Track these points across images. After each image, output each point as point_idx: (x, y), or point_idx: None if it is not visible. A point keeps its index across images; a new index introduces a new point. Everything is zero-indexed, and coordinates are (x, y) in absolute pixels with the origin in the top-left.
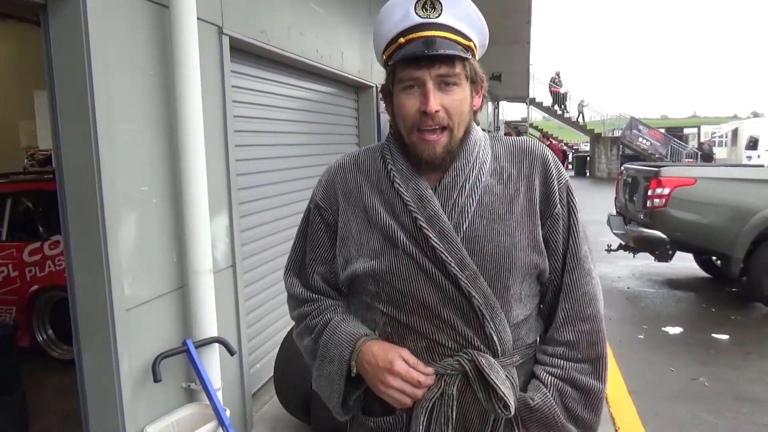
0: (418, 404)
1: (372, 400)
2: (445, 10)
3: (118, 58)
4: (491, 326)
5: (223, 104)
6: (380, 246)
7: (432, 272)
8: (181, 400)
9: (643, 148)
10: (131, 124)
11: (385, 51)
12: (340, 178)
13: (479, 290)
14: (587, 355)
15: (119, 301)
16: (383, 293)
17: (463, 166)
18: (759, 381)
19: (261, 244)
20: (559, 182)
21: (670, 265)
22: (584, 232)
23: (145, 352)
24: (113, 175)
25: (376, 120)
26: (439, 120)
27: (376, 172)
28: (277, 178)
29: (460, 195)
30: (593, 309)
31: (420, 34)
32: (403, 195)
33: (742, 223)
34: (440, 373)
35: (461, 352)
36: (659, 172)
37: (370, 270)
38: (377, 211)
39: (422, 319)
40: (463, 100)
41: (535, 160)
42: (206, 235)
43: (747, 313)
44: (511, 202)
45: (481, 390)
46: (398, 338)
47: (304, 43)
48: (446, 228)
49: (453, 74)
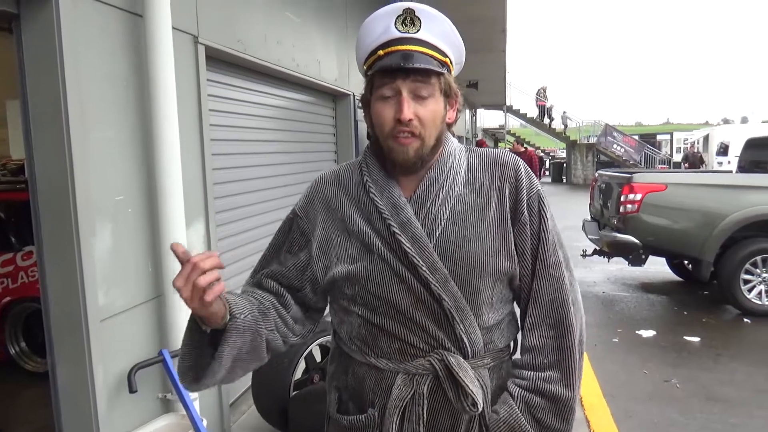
0: (392, 403)
1: (346, 398)
2: (423, 26)
3: (92, 67)
4: (461, 328)
5: (199, 113)
6: (357, 252)
7: (405, 276)
8: (157, 410)
9: (617, 154)
10: (106, 133)
11: (365, 62)
12: (321, 192)
13: (449, 293)
14: (554, 362)
15: (94, 312)
16: (359, 297)
17: (438, 175)
18: (729, 382)
19: (238, 253)
20: (529, 192)
21: (643, 269)
22: (557, 241)
23: (120, 363)
24: (87, 184)
25: (353, 128)
26: (412, 128)
27: (355, 185)
28: (254, 187)
29: (434, 203)
30: (560, 315)
31: (398, 48)
32: (377, 203)
33: (711, 228)
34: (412, 373)
35: (432, 353)
36: (631, 178)
37: (347, 274)
38: (354, 221)
39: (395, 321)
40: (436, 111)
41: (506, 170)
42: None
43: (717, 316)
44: (482, 211)
45: (450, 389)
46: (372, 339)
47: (280, 51)
48: (418, 233)
49: (427, 87)
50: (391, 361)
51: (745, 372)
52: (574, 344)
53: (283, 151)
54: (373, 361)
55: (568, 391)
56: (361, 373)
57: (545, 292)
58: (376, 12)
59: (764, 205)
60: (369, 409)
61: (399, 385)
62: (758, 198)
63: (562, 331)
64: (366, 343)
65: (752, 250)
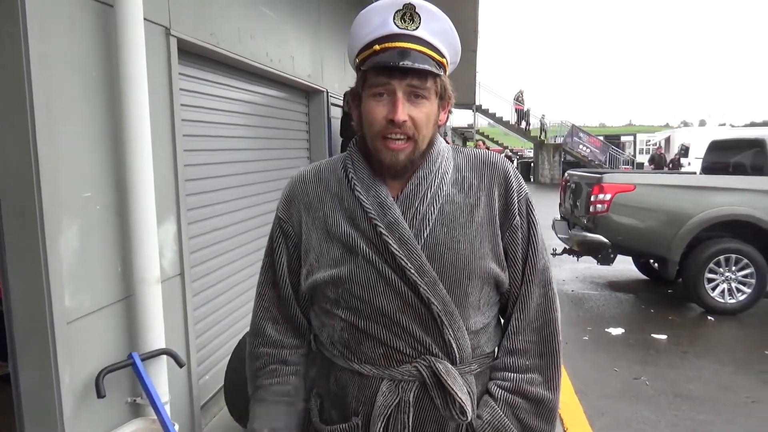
0: (376, 411)
1: (328, 406)
2: (423, 24)
3: (59, 59)
4: (450, 333)
5: (170, 107)
6: (340, 255)
7: (391, 279)
8: (126, 415)
9: (583, 155)
10: (73, 127)
11: (359, 55)
12: (301, 190)
13: (438, 297)
14: (537, 364)
15: (60, 314)
16: (342, 300)
17: (425, 175)
18: (696, 379)
19: (210, 251)
20: (519, 195)
21: (610, 268)
22: (543, 245)
23: (87, 367)
24: (54, 180)
25: (326, 125)
26: (405, 130)
27: (338, 182)
28: (226, 184)
29: (422, 203)
30: (546, 319)
31: (396, 45)
32: (363, 202)
33: (677, 227)
34: (398, 380)
35: (419, 358)
36: (602, 178)
37: (330, 278)
38: (337, 221)
39: (380, 325)
40: (430, 114)
41: (496, 172)
42: (153, 243)
43: (683, 314)
44: (471, 211)
45: (438, 396)
46: (355, 344)
47: (254, 46)
48: (406, 235)
49: (423, 88)
50: (376, 367)
51: (711, 369)
52: (557, 347)
53: (256, 148)
54: (357, 366)
55: (550, 393)
56: (343, 380)
57: (533, 297)
58: (375, 3)
59: (728, 206)
60: (353, 418)
61: (384, 392)
62: (722, 199)
63: (547, 335)
64: (349, 348)
65: (716, 250)
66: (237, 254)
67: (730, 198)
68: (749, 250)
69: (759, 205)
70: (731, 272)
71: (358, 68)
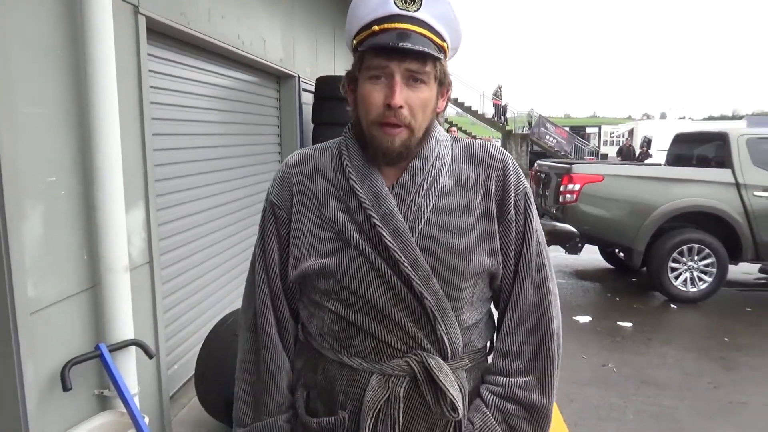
0: (365, 406)
1: (314, 397)
2: (424, 5)
3: (21, 36)
4: (442, 328)
5: (139, 89)
6: (332, 244)
7: (384, 272)
8: (94, 408)
9: (549, 145)
10: (36, 108)
11: (356, 36)
12: (296, 175)
13: (432, 291)
14: (530, 368)
15: (22, 304)
16: (333, 291)
17: (422, 165)
18: (660, 365)
19: (180, 239)
20: (517, 189)
21: (577, 257)
22: (541, 243)
23: (53, 359)
24: (15, 164)
25: (298, 111)
26: (401, 117)
27: (333, 169)
28: (196, 169)
29: (417, 194)
30: (540, 320)
31: (395, 26)
32: (357, 192)
33: (643, 218)
34: (388, 375)
35: (410, 353)
36: (571, 169)
37: (320, 268)
38: (331, 209)
39: (371, 319)
40: (428, 100)
41: (494, 164)
42: (121, 230)
43: (647, 302)
44: (468, 205)
45: (429, 392)
46: (345, 337)
47: (225, 27)
48: (401, 227)
49: (422, 72)
50: (366, 361)
51: (674, 356)
52: (553, 350)
53: (227, 133)
54: (346, 359)
55: (544, 399)
56: (332, 372)
57: (527, 296)
58: None
59: (691, 197)
60: (339, 412)
61: (374, 386)
62: (685, 190)
63: (541, 337)
64: (338, 340)
65: (680, 240)
66: (207, 241)
67: (693, 189)
68: (711, 241)
69: (721, 196)
70: (694, 262)
71: (355, 49)
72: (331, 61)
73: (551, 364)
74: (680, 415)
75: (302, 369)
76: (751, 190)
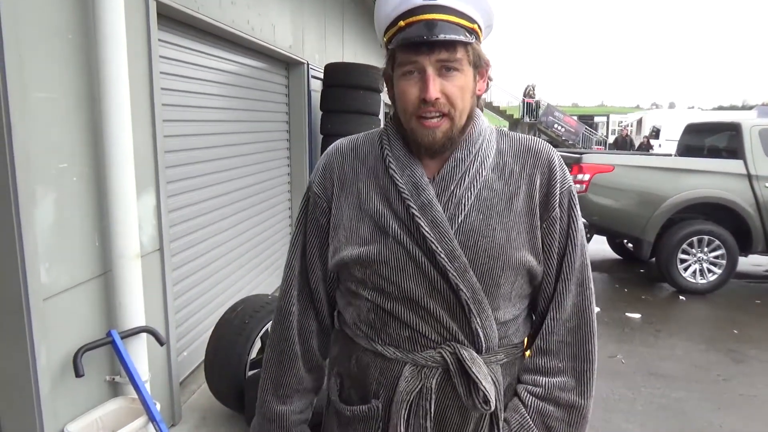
0: (398, 397)
1: (348, 387)
2: None
3: (33, 20)
4: (477, 321)
5: (149, 75)
6: (370, 233)
7: (421, 262)
8: (105, 394)
9: (558, 134)
10: (48, 93)
11: (385, 34)
12: (338, 164)
13: (468, 284)
14: (570, 368)
15: (35, 290)
16: (369, 281)
17: (464, 157)
18: (669, 357)
19: (190, 225)
20: (562, 186)
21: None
22: (584, 242)
23: (65, 345)
24: (27, 150)
25: (306, 98)
26: (439, 107)
27: (374, 159)
28: (206, 156)
29: (459, 186)
30: (582, 320)
31: (421, 17)
32: (397, 182)
33: (653, 209)
34: (420, 365)
35: (444, 344)
36: (581, 158)
37: (358, 257)
38: (370, 198)
39: (407, 308)
40: (465, 87)
41: (540, 159)
42: (132, 217)
43: (655, 293)
44: (510, 200)
45: (461, 384)
46: (381, 325)
47: (235, 13)
48: (439, 217)
49: (454, 59)
50: (399, 350)
51: (683, 347)
52: (592, 351)
53: (236, 120)
54: (380, 348)
55: (583, 400)
56: (365, 361)
57: (570, 295)
58: None
59: (701, 188)
60: (372, 400)
61: (407, 377)
62: (696, 181)
63: (582, 337)
64: (373, 328)
65: (690, 231)
66: (217, 228)
67: (704, 180)
68: (721, 232)
69: (732, 187)
70: (703, 253)
71: (387, 47)
72: (339, 48)
73: (591, 366)
74: (689, 407)
75: (337, 357)
76: (763, 181)
